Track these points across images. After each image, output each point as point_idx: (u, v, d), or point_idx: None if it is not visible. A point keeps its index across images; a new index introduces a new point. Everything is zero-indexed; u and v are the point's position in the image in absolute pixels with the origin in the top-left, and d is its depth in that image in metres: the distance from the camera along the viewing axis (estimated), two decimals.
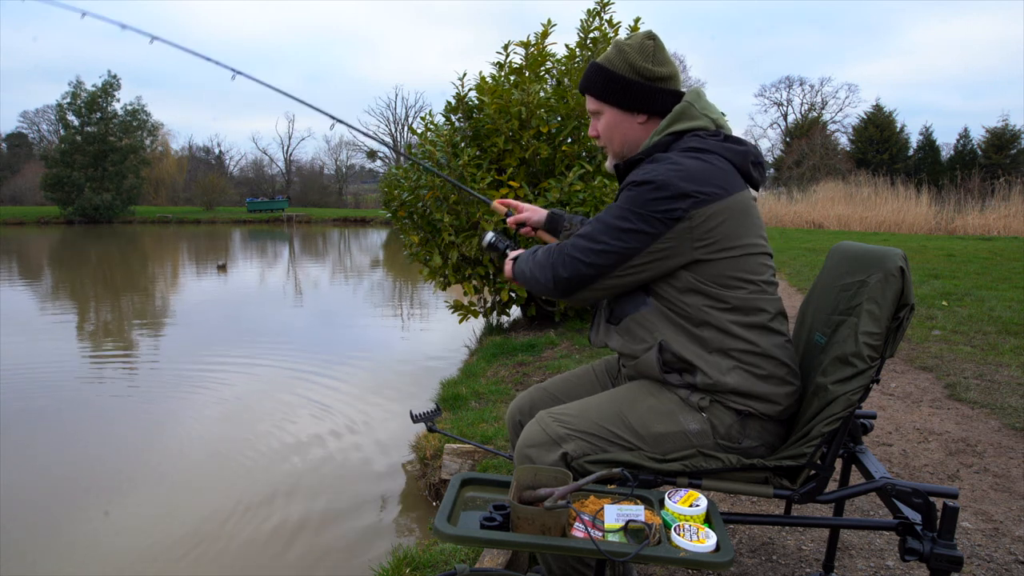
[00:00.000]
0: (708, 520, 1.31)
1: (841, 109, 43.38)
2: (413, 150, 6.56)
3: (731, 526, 2.29)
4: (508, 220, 2.04)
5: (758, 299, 1.54)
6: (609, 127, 1.66)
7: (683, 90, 1.64)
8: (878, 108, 36.90)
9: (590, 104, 1.69)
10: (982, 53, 72.66)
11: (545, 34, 5.95)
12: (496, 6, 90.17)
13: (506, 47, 6.03)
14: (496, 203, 2.09)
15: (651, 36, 1.62)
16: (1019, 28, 66.60)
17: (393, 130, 51.86)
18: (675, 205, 1.45)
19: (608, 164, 1.75)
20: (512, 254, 1.78)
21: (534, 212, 2.03)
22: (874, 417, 1.80)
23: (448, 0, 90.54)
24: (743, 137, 1.63)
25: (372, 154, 52.20)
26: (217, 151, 57.77)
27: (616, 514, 1.26)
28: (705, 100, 1.62)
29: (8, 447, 4.41)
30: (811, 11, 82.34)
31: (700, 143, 1.53)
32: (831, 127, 41.17)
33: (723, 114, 1.65)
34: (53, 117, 43.00)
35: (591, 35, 6.10)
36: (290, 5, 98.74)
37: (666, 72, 1.60)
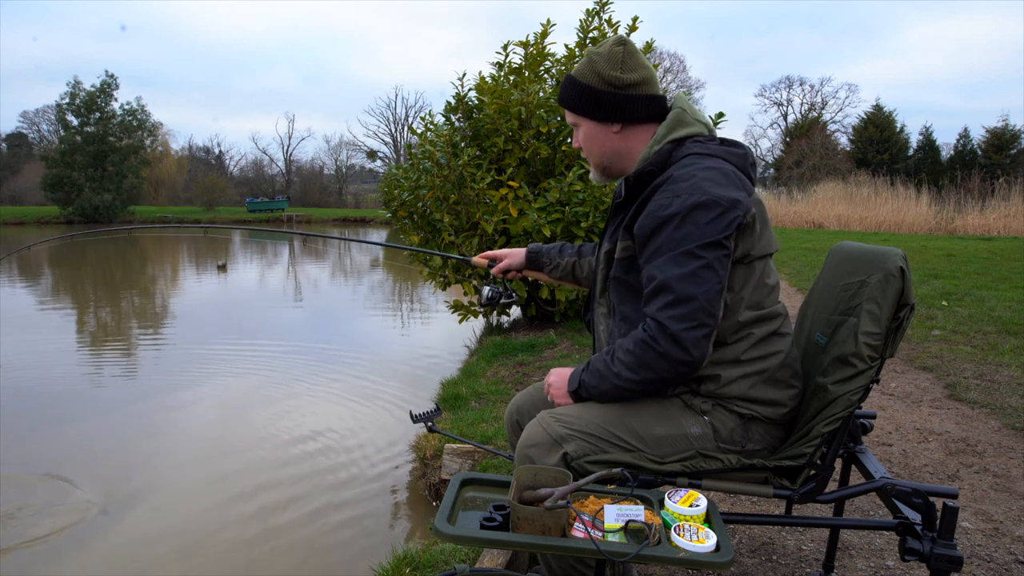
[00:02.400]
0: (708, 520, 1.31)
1: (841, 109, 43.43)
2: (413, 150, 6.55)
3: (731, 526, 2.29)
4: (493, 270, 2.07)
5: (774, 306, 1.56)
6: (587, 139, 1.63)
7: (660, 93, 1.59)
8: (878, 108, 36.92)
9: (568, 117, 1.65)
10: (981, 53, 72.76)
11: (544, 34, 5.95)
12: (494, 6, 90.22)
13: (505, 47, 6.03)
14: (477, 258, 2.11)
15: (621, 41, 1.57)
16: (1018, 28, 66.68)
17: (393, 130, 51.92)
18: (734, 215, 1.41)
19: (593, 176, 1.71)
20: (561, 382, 1.61)
21: (513, 257, 2.04)
22: (874, 417, 1.80)
23: (446, 0, 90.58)
24: (742, 137, 1.62)
25: (372, 154, 52.25)
26: (217, 151, 57.88)
27: (616, 514, 1.26)
28: (692, 105, 1.60)
29: (8, 446, 4.41)
30: (811, 11, 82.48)
31: (704, 148, 1.51)
32: (831, 127, 41.20)
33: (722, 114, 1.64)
34: (53, 117, 43.00)
35: (590, 35, 6.10)
36: (288, 5, 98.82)
37: (637, 78, 1.55)
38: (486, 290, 2.10)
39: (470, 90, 5.99)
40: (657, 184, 1.49)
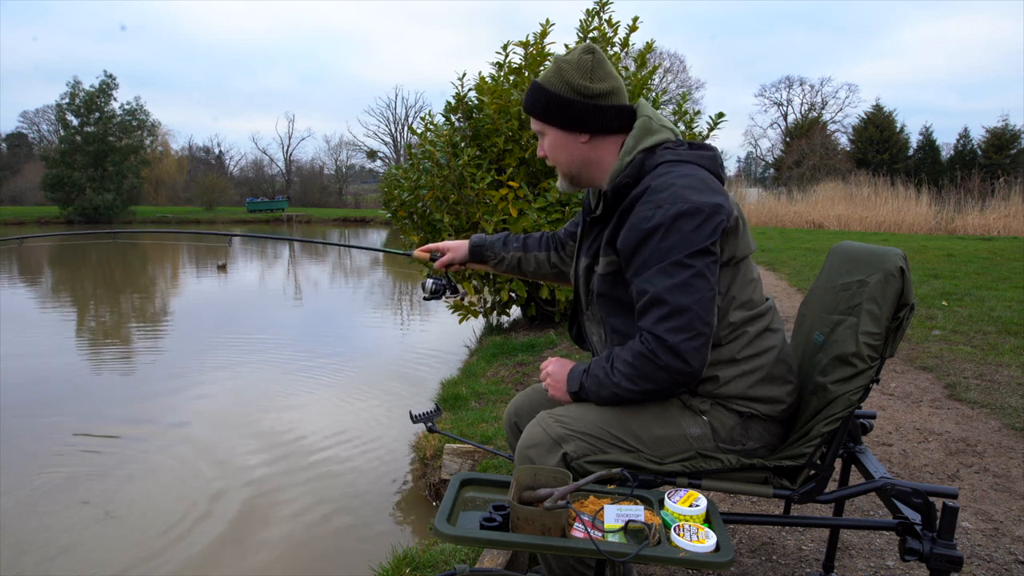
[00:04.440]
0: (708, 520, 1.31)
1: (841, 109, 43.40)
2: (413, 150, 6.55)
3: (731, 526, 2.29)
4: (435, 264, 2.05)
5: (763, 302, 1.56)
6: (553, 148, 1.60)
7: (629, 103, 1.58)
8: (878, 108, 36.92)
9: (534, 125, 1.63)
10: (981, 53, 72.77)
11: (544, 34, 5.94)
12: (494, 7, 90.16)
13: (505, 47, 6.03)
14: (417, 252, 2.09)
15: (589, 50, 1.55)
16: (1017, 28, 66.70)
17: (393, 130, 51.92)
18: (718, 220, 1.41)
19: (561, 185, 1.68)
20: (561, 376, 1.59)
21: (456, 250, 2.02)
22: (874, 417, 1.80)
23: (446, 1, 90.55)
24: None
25: (372, 154, 52.24)
26: (217, 151, 57.84)
27: (616, 514, 1.26)
28: (656, 111, 1.60)
29: (7, 446, 4.41)
30: (810, 11, 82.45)
31: (675, 155, 1.50)
32: (831, 127, 41.19)
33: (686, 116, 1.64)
34: (53, 117, 42.96)
35: (590, 35, 6.09)
36: (288, 5, 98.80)
37: (606, 87, 1.53)
38: (429, 282, 2.08)
39: (470, 90, 5.98)
40: (635, 196, 1.48)
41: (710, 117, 5.94)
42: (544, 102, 1.57)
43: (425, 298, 2.09)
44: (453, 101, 6.07)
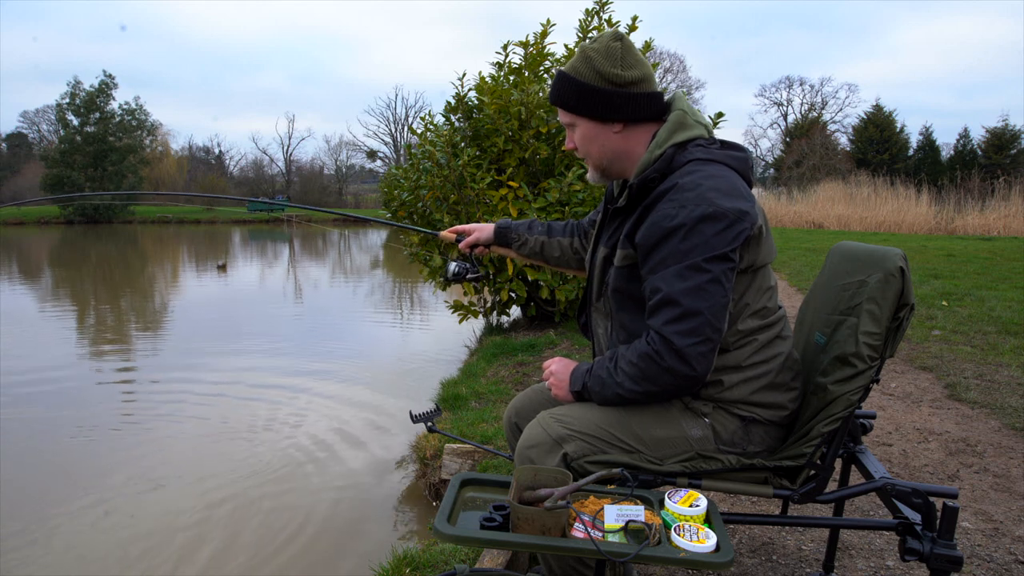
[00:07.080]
0: (708, 520, 1.31)
1: (841, 109, 43.41)
2: (413, 150, 6.55)
3: (731, 526, 2.29)
4: (460, 245, 2.04)
5: (776, 311, 1.55)
6: (585, 140, 1.56)
7: (658, 90, 1.54)
8: (878, 108, 36.91)
9: (562, 117, 1.58)
10: (981, 53, 72.77)
11: (544, 34, 5.94)
12: (495, 7, 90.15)
13: (505, 47, 6.03)
14: (444, 232, 2.09)
15: (617, 37, 1.50)
16: (1016, 28, 66.68)
17: (393, 130, 51.93)
18: (741, 227, 1.39)
19: (591, 177, 1.65)
20: (563, 375, 1.60)
21: (482, 231, 2.02)
22: (874, 417, 1.80)
23: (442, 2, 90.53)
24: (742, 137, 1.61)
25: (372, 154, 52.26)
26: (217, 151, 57.86)
27: (616, 514, 1.25)
28: (692, 106, 1.57)
29: (7, 446, 4.41)
30: (810, 12, 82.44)
31: (706, 153, 1.46)
32: (831, 127, 41.20)
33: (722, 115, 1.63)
34: (53, 117, 42.96)
35: (590, 34, 6.09)
36: (289, 5, 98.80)
37: (637, 75, 1.49)
38: (452, 265, 2.06)
39: (470, 90, 5.98)
40: (661, 192, 1.45)
41: (710, 117, 5.94)
42: (575, 92, 1.52)
43: (448, 279, 2.08)
44: (453, 101, 6.07)
